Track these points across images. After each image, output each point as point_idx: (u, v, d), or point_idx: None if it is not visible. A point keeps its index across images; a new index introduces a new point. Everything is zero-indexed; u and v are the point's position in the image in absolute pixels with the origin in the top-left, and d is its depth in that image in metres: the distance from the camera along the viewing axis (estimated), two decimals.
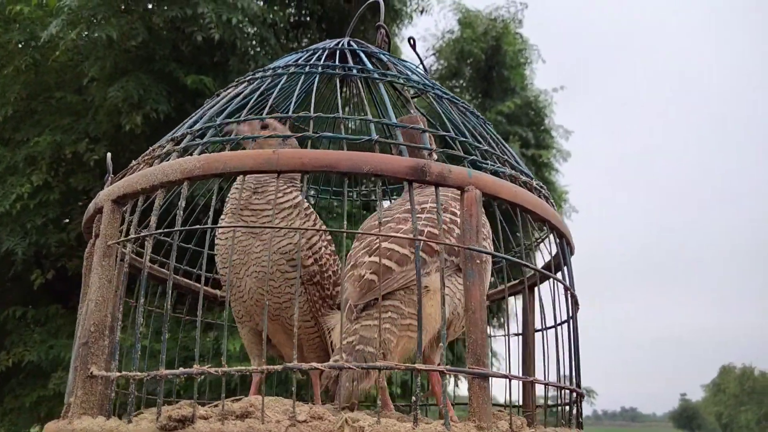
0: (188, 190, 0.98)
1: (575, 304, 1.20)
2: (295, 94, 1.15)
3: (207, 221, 1.02)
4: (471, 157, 1.08)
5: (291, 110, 1.10)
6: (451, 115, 1.22)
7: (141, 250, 1.44)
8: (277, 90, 1.18)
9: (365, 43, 1.43)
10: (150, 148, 1.13)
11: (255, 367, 0.84)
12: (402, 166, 0.95)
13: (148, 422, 0.85)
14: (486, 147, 1.16)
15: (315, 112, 1.06)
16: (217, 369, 0.83)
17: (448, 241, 1.12)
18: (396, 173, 0.95)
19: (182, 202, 0.94)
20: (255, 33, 6.04)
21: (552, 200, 1.26)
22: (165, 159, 1.06)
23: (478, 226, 0.97)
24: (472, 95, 9.75)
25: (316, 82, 1.21)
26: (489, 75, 9.81)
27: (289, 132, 1.35)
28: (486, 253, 0.98)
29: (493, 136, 1.28)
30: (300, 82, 1.21)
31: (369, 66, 1.25)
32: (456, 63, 9.85)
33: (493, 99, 9.41)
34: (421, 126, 1.08)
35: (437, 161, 0.99)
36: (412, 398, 0.86)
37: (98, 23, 5.43)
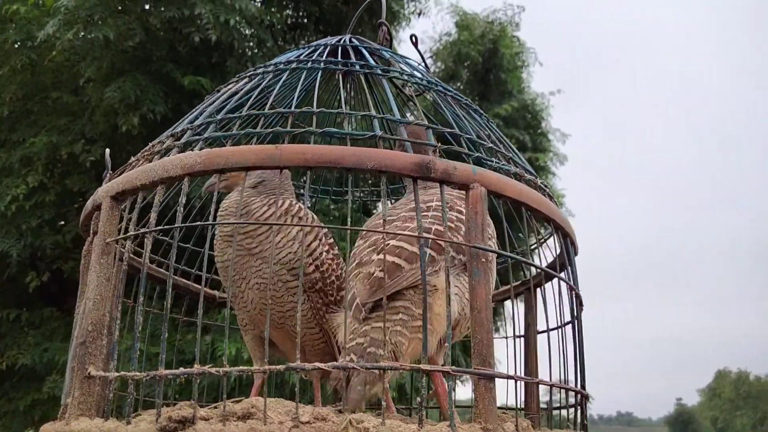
0: (188, 187, 0.96)
1: (580, 305, 1.18)
2: (297, 90, 1.13)
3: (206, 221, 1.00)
4: (476, 154, 1.06)
5: (293, 107, 1.08)
6: (455, 112, 1.20)
7: (139, 250, 1.42)
8: (279, 86, 1.16)
9: (367, 41, 1.41)
10: (149, 144, 1.11)
11: (257, 368, 0.82)
12: (407, 163, 0.93)
13: (148, 423, 0.82)
14: (490, 144, 1.14)
15: (316, 111, 1.04)
16: (218, 369, 0.81)
17: (456, 238, 1.10)
18: (401, 170, 0.93)
19: (183, 198, 0.92)
20: (253, 34, 6.02)
21: (555, 199, 1.24)
22: (165, 155, 1.04)
23: (484, 224, 0.95)
24: (469, 98, 9.76)
25: (318, 78, 1.19)
26: (486, 78, 9.81)
27: None
28: (492, 252, 0.97)
29: (497, 134, 1.26)
30: (302, 79, 1.19)
31: (371, 62, 1.24)
32: (453, 66, 9.85)
33: (490, 102, 9.40)
34: (425, 123, 1.07)
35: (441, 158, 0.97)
36: (417, 399, 0.84)
37: (95, 23, 5.41)
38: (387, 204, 0.97)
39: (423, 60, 1.50)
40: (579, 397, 1.14)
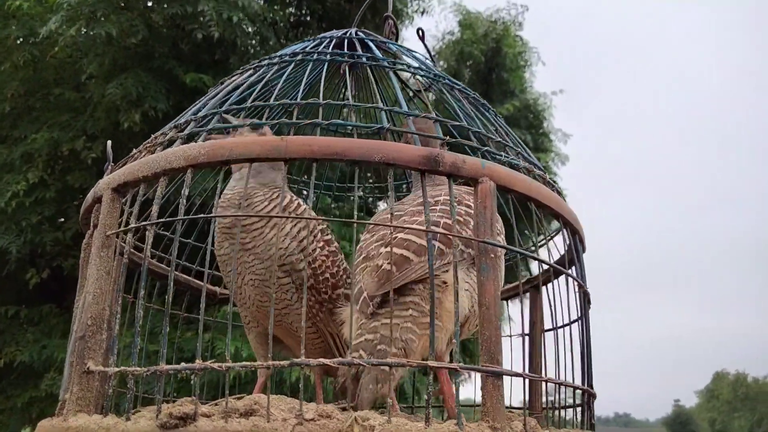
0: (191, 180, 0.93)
1: (588, 302, 1.16)
2: (303, 82, 1.11)
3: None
4: (484, 148, 1.04)
5: (299, 99, 1.06)
6: (463, 106, 1.18)
7: (140, 244, 1.40)
8: (284, 78, 1.14)
9: (373, 34, 1.39)
10: (152, 136, 1.09)
11: (261, 363, 0.80)
12: (415, 156, 0.91)
13: (147, 420, 0.80)
14: (499, 139, 1.12)
15: (322, 103, 1.02)
16: (221, 365, 0.79)
17: (465, 233, 1.08)
18: (408, 163, 0.91)
19: (185, 191, 0.90)
20: (255, 32, 6.00)
21: (563, 195, 1.23)
22: (168, 146, 1.02)
23: (493, 219, 0.93)
24: None
25: (325, 70, 1.17)
26: (488, 77, 9.79)
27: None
28: (500, 247, 0.95)
29: (505, 129, 1.24)
30: (307, 71, 1.17)
31: (378, 54, 1.22)
32: (456, 64, 9.82)
33: (492, 101, 9.38)
34: (433, 116, 1.04)
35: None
36: (424, 396, 0.82)
37: (98, 20, 5.39)
38: (393, 197, 0.94)
39: (429, 54, 1.48)
40: (586, 396, 1.12)
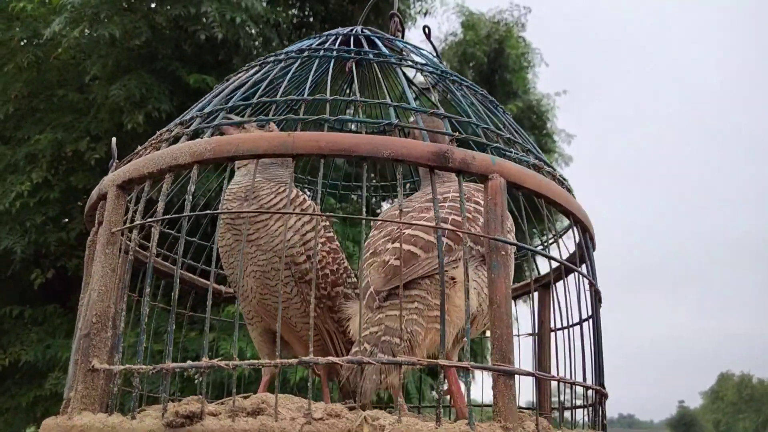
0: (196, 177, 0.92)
1: (599, 300, 1.15)
2: (310, 78, 1.09)
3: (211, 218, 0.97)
4: (494, 144, 1.02)
5: (305, 95, 1.05)
6: (471, 103, 1.17)
7: (145, 243, 1.40)
8: (290, 75, 1.13)
9: (379, 31, 1.38)
10: (158, 132, 1.08)
11: (269, 361, 0.79)
12: (424, 152, 0.90)
13: (153, 419, 0.79)
14: (508, 135, 1.11)
15: (326, 103, 1.01)
16: (228, 362, 0.78)
17: (474, 230, 1.07)
18: (418, 159, 0.90)
19: (191, 187, 0.89)
20: (258, 33, 6.00)
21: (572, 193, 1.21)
22: (173, 143, 1.00)
23: (503, 216, 0.92)
24: None
25: (331, 67, 1.15)
26: (491, 78, 9.77)
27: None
28: (511, 244, 0.93)
29: (514, 126, 1.23)
30: (314, 67, 1.16)
31: (385, 51, 1.20)
32: (458, 66, 9.82)
33: None
34: (442, 112, 1.03)
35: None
36: (431, 395, 0.81)
37: (101, 21, 5.39)
38: (401, 194, 0.93)
39: (435, 51, 1.47)
40: (598, 396, 1.10)
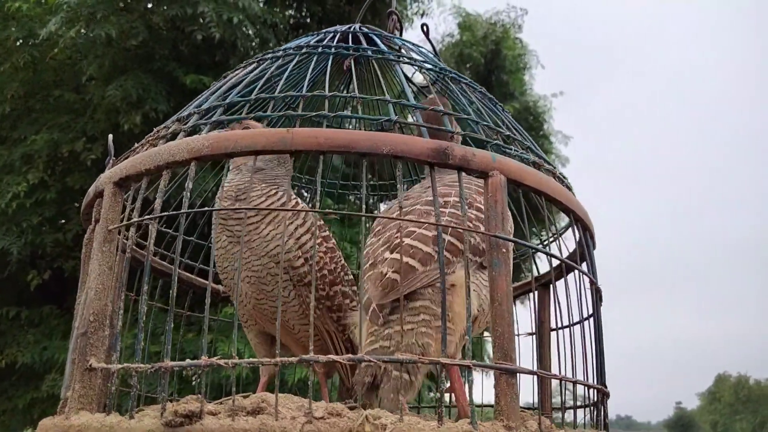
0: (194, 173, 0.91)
1: (600, 299, 1.14)
2: (308, 75, 1.09)
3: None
4: (494, 141, 1.02)
5: (304, 91, 1.04)
6: (471, 99, 1.16)
7: (142, 242, 1.38)
8: (288, 72, 1.12)
9: (377, 29, 1.38)
10: (155, 129, 1.07)
11: (269, 359, 0.78)
12: (424, 148, 0.89)
13: (152, 418, 0.78)
14: (508, 132, 1.10)
15: (323, 102, 1.00)
16: (227, 361, 0.77)
17: (473, 240, 1.06)
18: (417, 155, 0.89)
19: (189, 184, 0.88)
20: (255, 33, 5.99)
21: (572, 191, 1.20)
22: (171, 140, 0.99)
23: (504, 213, 0.91)
24: None
25: (330, 64, 1.15)
26: (488, 79, 9.77)
27: None
28: (512, 241, 0.93)
29: (513, 123, 1.22)
30: (312, 64, 1.15)
31: (384, 48, 1.20)
32: (455, 66, 9.81)
33: None
34: (442, 108, 1.03)
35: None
36: (437, 394, 0.80)
37: (97, 21, 5.38)
38: (401, 192, 0.92)
39: (434, 49, 1.46)
40: (600, 395, 1.09)
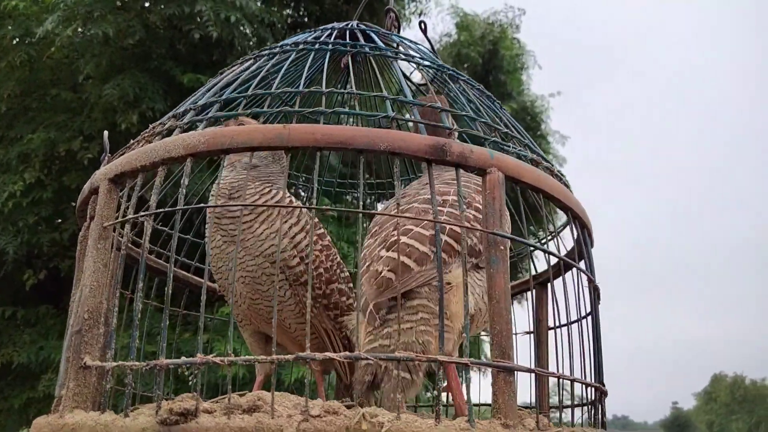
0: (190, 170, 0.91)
1: (598, 297, 1.14)
2: (305, 71, 1.08)
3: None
4: (492, 139, 1.01)
5: (301, 87, 1.03)
6: (469, 97, 1.16)
7: (137, 240, 1.38)
8: (285, 68, 1.12)
9: (375, 26, 1.37)
10: (150, 126, 1.06)
11: (265, 357, 0.77)
12: (421, 145, 0.88)
13: (147, 416, 0.78)
14: (506, 130, 1.10)
15: (320, 99, 0.99)
16: (223, 359, 0.77)
17: (470, 241, 1.06)
18: (415, 152, 0.88)
19: (185, 180, 0.88)
20: (253, 33, 5.98)
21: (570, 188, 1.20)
22: (167, 136, 0.99)
23: (502, 210, 0.90)
24: None
25: (327, 61, 1.14)
26: (486, 79, 9.77)
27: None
28: (510, 238, 0.92)
29: (511, 121, 1.22)
30: (309, 60, 1.15)
31: (381, 45, 1.19)
32: (453, 66, 9.80)
33: None
34: (440, 105, 1.02)
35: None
36: (434, 392, 0.80)
37: (94, 20, 5.37)
38: (399, 189, 0.91)
39: (432, 46, 1.46)
40: (598, 394, 1.09)
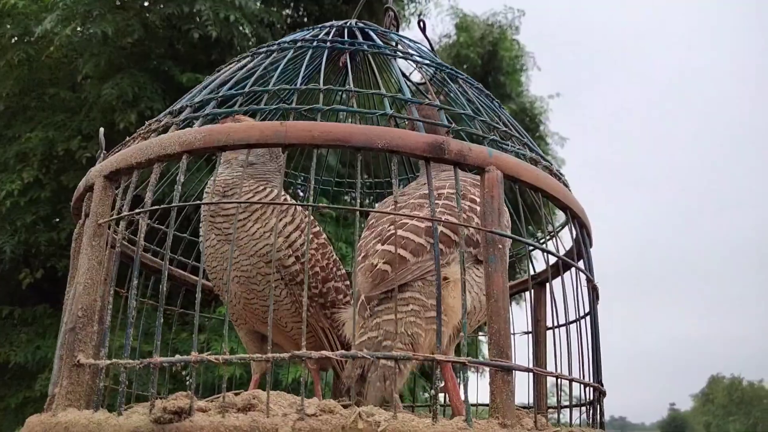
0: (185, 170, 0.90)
1: (596, 297, 1.13)
2: (303, 68, 1.07)
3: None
4: (491, 137, 1.01)
5: (298, 84, 1.03)
6: (468, 96, 1.15)
7: (133, 238, 1.37)
8: (282, 65, 1.11)
9: (374, 24, 1.36)
10: (147, 123, 1.05)
11: (260, 355, 0.76)
12: (419, 143, 0.88)
13: (140, 415, 0.77)
14: (504, 128, 1.09)
15: (318, 97, 0.99)
16: (218, 357, 0.76)
17: (467, 231, 1.05)
18: (413, 150, 0.88)
19: (181, 177, 0.87)
20: (252, 32, 5.98)
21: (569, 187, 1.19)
22: (163, 133, 0.98)
23: (500, 209, 0.90)
24: None
25: (325, 58, 1.13)
26: (485, 80, 9.76)
27: None
28: (508, 237, 0.92)
29: (510, 120, 1.21)
30: (307, 58, 1.14)
31: (380, 43, 1.18)
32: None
33: None
34: (439, 103, 1.01)
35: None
36: (431, 391, 0.79)
37: (93, 19, 5.36)
38: (396, 186, 0.91)
39: (430, 45, 1.45)
40: (596, 394, 1.08)
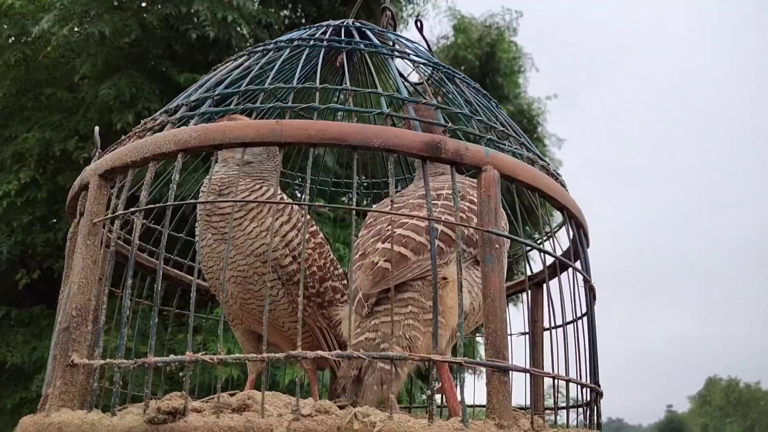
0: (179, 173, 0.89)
1: (593, 297, 1.13)
2: (299, 67, 1.07)
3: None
4: (488, 136, 1.00)
5: (294, 83, 1.02)
6: (465, 96, 1.15)
7: (128, 237, 1.36)
8: (279, 63, 1.10)
9: (371, 24, 1.36)
10: (142, 121, 1.05)
11: (255, 355, 0.76)
12: (416, 142, 0.87)
13: (134, 415, 0.76)
14: (501, 128, 1.09)
15: (314, 96, 0.98)
16: (213, 356, 0.75)
17: (467, 231, 1.04)
18: (410, 149, 0.87)
19: (176, 175, 0.86)
20: (250, 33, 5.97)
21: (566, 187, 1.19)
22: (158, 131, 0.97)
23: (497, 208, 0.89)
24: None
25: (321, 57, 1.13)
26: (482, 81, 9.77)
27: None
28: (505, 236, 0.91)
29: (507, 119, 1.21)
30: (303, 57, 1.13)
31: (376, 42, 1.18)
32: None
33: None
34: (435, 103, 1.01)
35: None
36: (428, 392, 0.79)
37: (91, 19, 5.36)
38: (393, 185, 0.90)
39: (428, 45, 1.45)
40: (593, 394, 1.08)
